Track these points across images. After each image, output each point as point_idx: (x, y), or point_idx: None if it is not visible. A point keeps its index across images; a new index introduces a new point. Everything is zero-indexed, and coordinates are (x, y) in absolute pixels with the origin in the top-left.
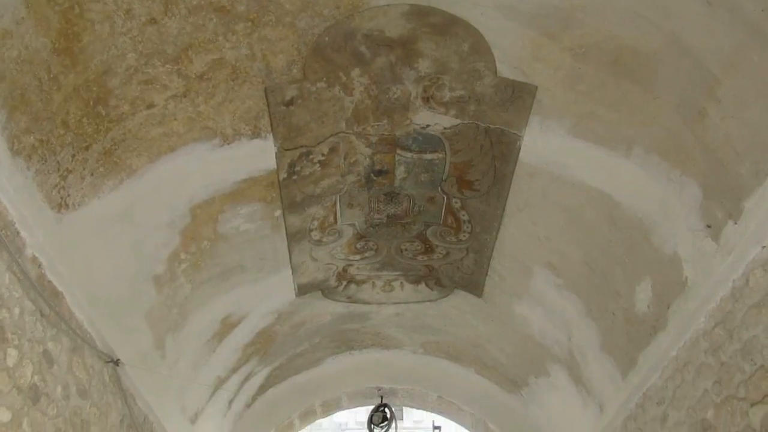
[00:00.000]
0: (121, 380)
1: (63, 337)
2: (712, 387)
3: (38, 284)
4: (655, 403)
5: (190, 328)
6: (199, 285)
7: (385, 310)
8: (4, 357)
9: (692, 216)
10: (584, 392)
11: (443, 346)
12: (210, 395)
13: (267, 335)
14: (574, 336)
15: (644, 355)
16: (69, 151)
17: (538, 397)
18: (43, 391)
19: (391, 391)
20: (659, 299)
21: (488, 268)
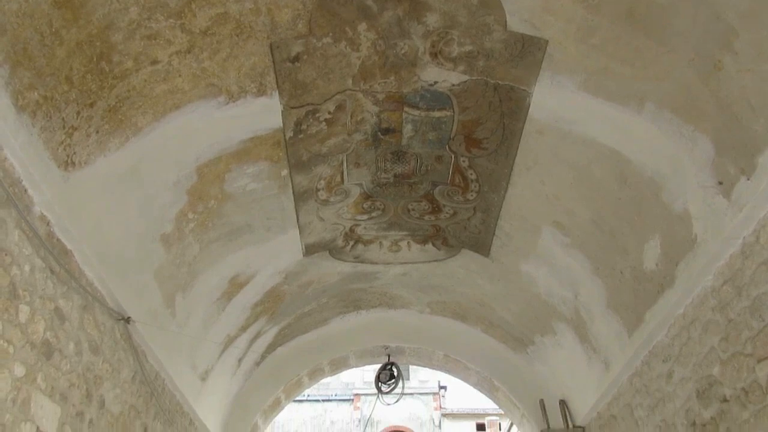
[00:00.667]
0: (132, 337)
1: (74, 294)
2: (719, 344)
3: (48, 242)
4: (661, 360)
5: (200, 287)
6: (208, 244)
7: (392, 270)
8: (16, 313)
9: (704, 172)
10: (590, 350)
11: (450, 305)
12: (220, 353)
13: (275, 295)
14: (580, 294)
15: (651, 312)
16: (74, 107)
17: (543, 355)
18: (55, 347)
19: (398, 350)
20: (668, 257)
21: (495, 227)
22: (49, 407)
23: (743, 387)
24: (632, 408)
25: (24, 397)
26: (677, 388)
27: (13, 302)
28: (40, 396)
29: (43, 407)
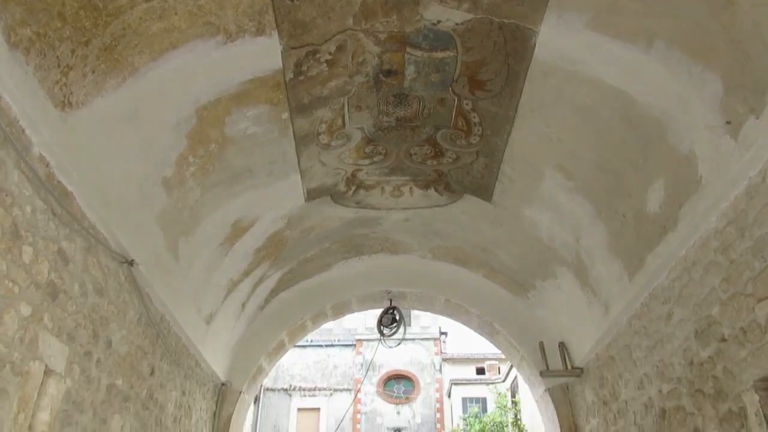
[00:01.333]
0: (136, 280)
1: (76, 236)
2: (720, 285)
3: (48, 183)
4: (661, 302)
5: (202, 232)
6: (209, 189)
7: (394, 216)
8: (19, 254)
9: (711, 112)
10: (590, 293)
11: (452, 250)
12: (224, 297)
13: (278, 240)
14: (582, 238)
15: (653, 255)
16: (68, 45)
17: (544, 299)
18: (60, 288)
19: (400, 295)
20: (671, 199)
21: (498, 172)
22: (57, 346)
23: (742, 326)
24: (631, 349)
25: (31, 337)
26: (676, 329)
27: (16, 243)
28: (47, 335)
29: (50, 346)
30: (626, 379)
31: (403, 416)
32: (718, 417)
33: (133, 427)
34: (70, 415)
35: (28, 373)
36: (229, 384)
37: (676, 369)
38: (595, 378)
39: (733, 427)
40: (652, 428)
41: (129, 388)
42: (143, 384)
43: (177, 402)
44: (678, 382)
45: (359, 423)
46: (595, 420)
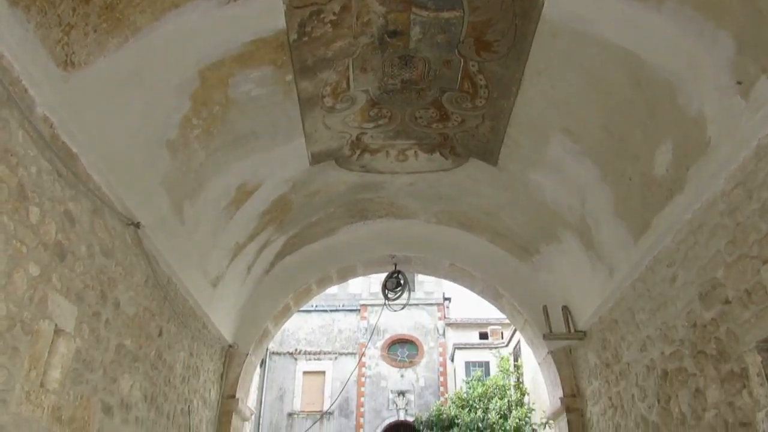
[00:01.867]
0: (142, 243)
1: (82, 198)
2: (725, 247)
3: (52, 144)
4: (665, 266)
5: (207, 195)
6: (213, 152)
7: (398, 180)
8: (26, 215)
9: (722, 73)
10: (594, 257)
11: (456, 215)
12: (230, 261)
13: (282, 204)
14: (587, 202)
15: (658, 218)
16: (69, 3)
17: (548, 263)
18: (68, 249)
19: (405, 259)
20: (679, 162)
21: (504, 135)
22: (66, 306)
23: (746, 288)
24: (634, 312)
25: (41, 296)
26: (680, 291)
27: (23, 203)
28: (56, 295)
29: (60, 306)
30: (629, 341)
31: (407, 379)
32: (720, 377)
33: (142, 386)
34: (81, 374)
35: (39, 332)
36: (236, 346)
37: (679, 331)
38: (598, 341)
39: (734, 388)
40: (653, 389)
41: (138, 349)
42: (152, 345)
43: (185, 363)
44: (680, 344)
45: (364, 386)
46: (597, 382)
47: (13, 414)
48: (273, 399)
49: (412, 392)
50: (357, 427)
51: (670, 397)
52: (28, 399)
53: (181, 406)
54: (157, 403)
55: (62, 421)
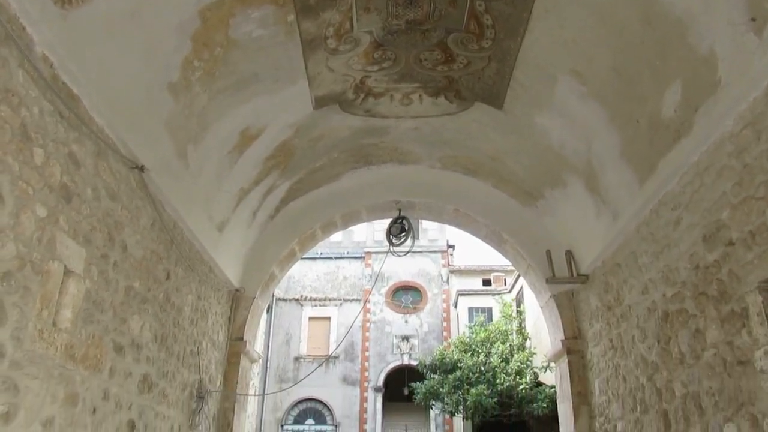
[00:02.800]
0: (148, 187)
1: (86, 140)
2: (731, 189)
3: (53, 85)
4: (670, 208)
5: (211, 139)
6: (216, 94)
7: (403, 125)
8: (31, 155)
9: (736, 9)
10: (599, 201)
11: (461, 160)
12: (235, 206)
13: (286, 149)
14: (594, 145)
15: (665, 161)
16: None
17: (552, 208)
18: (74, 192)
19: (409, 204)
20: (688, 102)
21: (510, 77)
22: (75, 248)
23: (751, 230)
24: (637, 255)
25: (49, 238)
26: (684, 234)
27: (27, 144)
28: (64, 237)
29: (68, 248)
30: (631, 284)
31: (411, 325)
32: (720, 318)
33: (152, 327)
34: (92, 314)
35: (48, 273)
36: (243, 290)
37: (681, 273)
38: (600, 284)
39: (734, 327)
40: (653, 330)
41: (146, 291)
42: (160, 287)
43: (193, 305)
44: (682, 286)
45: (368, 331)
46: (599, 324)
47: (28, 351)
48: (280, 344)
49: (415, 337)
50: (362, 370)
51: (670, 337)
52: (41, 337)
53: (191, 347)
54: (167, 344)
55: (75, 358)
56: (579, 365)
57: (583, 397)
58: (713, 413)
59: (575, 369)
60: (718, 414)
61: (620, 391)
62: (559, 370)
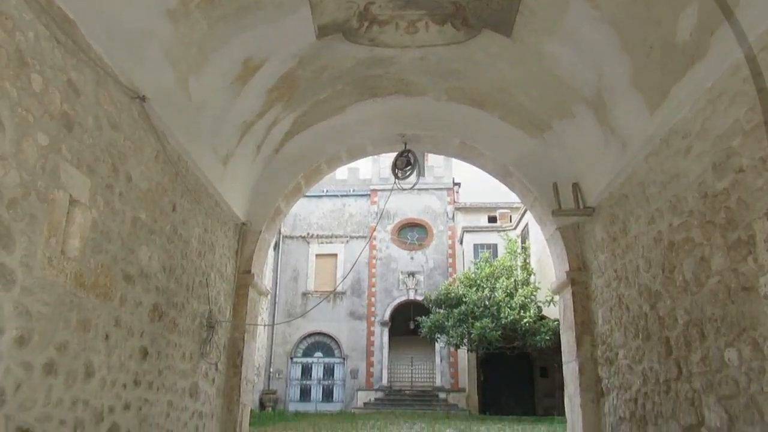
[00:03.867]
0: (150, 118)
1: (85, 68)
2: (744, 115)
3: (48, 8)
4: (681, 137)
5: (212, 69)
6: (215, 22)
7: (408, 55)
8: (29, 82)
9: None
10: (608, 132)
11: (467, 91)
12: (239, 139)
13: (290, 80)
14: (605, 74)
15: (677, 88)
16: None
17: (560, 139)
18: (75, 120)
19: (415, 138)
20: (703, 25)
21: (520, 3)
22: (79, 177)
23: (761, 156)
24: (645, 186)
25: (52, 166)
26: (693, 163)
27: (24, 70)
28: (67, 166)
29: (72, 177)
30: (637, 215)
31: (417, 261)
32: (726, 245)
33: (160, 257)
34: (100, 244)
35: (54, 201)
36: (249, 224)
37: (689, 202)
38: (606, 216)
39: (739, 254)
40: (658, 260)
41: (153, 222)
42: (166, 219)
43: (200, 238)
44: (689, 215)
45: (375, 268)
46: (603, 255)
47: (38, 278)
48: (287, 280)
49: (421, 273)
50: (369, 305)
51: (675, 266)
52: (51, 264)
53: (199, 279)
54: (176, 275)
55: (86, 286)
56: (583, 296)
57: (585, 327)
58: (714, 339)
59: (579, 300)
60: (720, 339)
61: (623, 320)
62: (563, 301)
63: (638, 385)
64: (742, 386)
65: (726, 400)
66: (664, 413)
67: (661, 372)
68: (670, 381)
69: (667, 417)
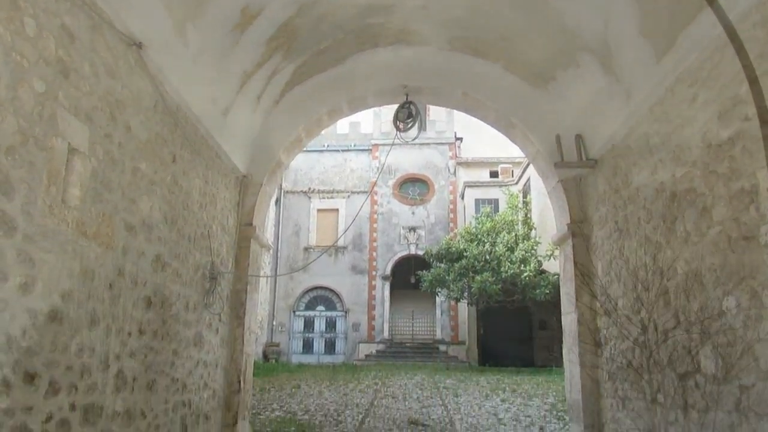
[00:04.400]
0: (147, 66)
1: (79, 13)
2: (754, 60)
3: None
4: (687, 86)
5: (210, 16)
6: None
7: (410, 2)
8: (22, 26)
9: None
10: (613, 81)
11: (471, 41)
12: (238, 89)
13: (289, 29)
14: (611, 21)
15: (685, 35)
16: None
17: (564, 90)
18: (71, 67)
19: (417, 89)
20: None
21: None
22: (77, 125)
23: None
24: (648, 137)
25: (50, 114)
26: (698, 112)
27: (17, 13)
28: (65, 114)
29: (70, 125)
30: (640, 166)
31: (418, 216)
32: (729, 195)
33: (161, 208)
34: (100, 193)
35: (53, 149)
36: (250, 176)
37: (692, 152)
38: (609, 168)
39: (742, 203)
40: (660, 211)
41: (153, 173)
42: (167, 170)
43: (201, 190)
44: (692, 165)
45: (376, 222)
46: (605, 207)
47: (39, 225)
48: (289, 235)
49: (422, 228)
50: (370, 260)
51: (676, 217)
52: (52, 212)
53: (201, 230)
54: (178, 226)
55: (88, 235)
56: (583, 248)
57: (585, 279)
58: (713, 288)
59: (579, 252)
60: (719, 288)
61: (622, 272)
62: (564, 253)
63: (636, 334)
64: (739, 334)
65: (722, 347)
66: (661, 362)
67: (659, 322)
68: (667, 330)
69: (663, 366)
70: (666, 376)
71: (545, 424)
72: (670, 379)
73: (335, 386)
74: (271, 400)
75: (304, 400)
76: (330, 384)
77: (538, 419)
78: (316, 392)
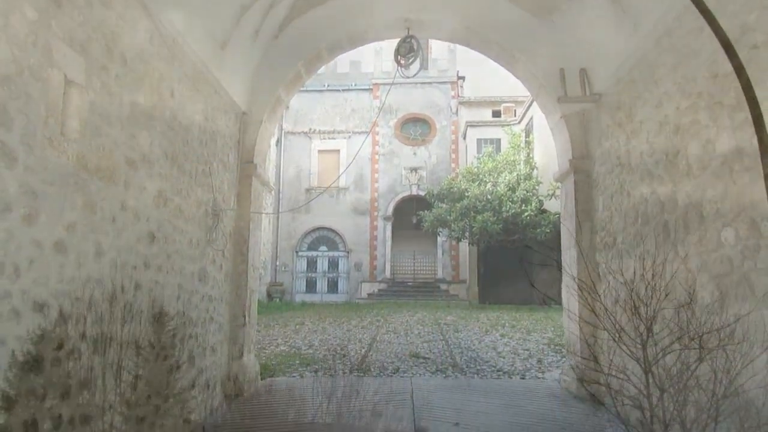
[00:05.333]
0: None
1: None
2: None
3: None
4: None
5: None
6: None
7: None
8: None
9: None
10: (620, 11)
11: None
12: (236, 22)
13: None
14: None
15: None
16: None
17: (569, 22)
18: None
19: (418, 23)
20: None
21: None
22: (72, 56)
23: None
24: (654, 69)
25: (44, 43)
26: (705, 41)
27: None
28: (59, 44)
29: (66, 56)
30: (644, 99)
31: (420, 156)
32: (733, 126)
33: (161, 144)
34: (99, 127)
35: (48, 80)
36: (250, 113)
37: (698, 83)
38: (613, 102)
39: (745, 134)
40: (663, 144)
41: (152, 108)
42: (165, 105)
43: (201, 126)
44: (698, 97)
45: (378, 163)
46: (608, 142)
47: (39, 157)
48: (291, 176)
49: (424, 169)
50: (372, 200)
51: (679, 150)
52: (51, 145)
53: (202, 167)
54: (179, 162)
55: (89, 169)
56: (585, 184)
57: (586, 214)
58: (713, 220)
59: (581, 187)
60: (718, 220)
61: (623, 206)
62: (565, 190)
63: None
64: (736, 264)
65: (719, 278)
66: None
67: (658, 254)
68: (665, 263)
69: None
70: (662, 306)
71: (543, 357)
72: (666, 310)
73: (338, 323)
74: (275, 336)
75: (308, 336)
76: (333, 321)
77: (536, 352)
78: (320, 329)
